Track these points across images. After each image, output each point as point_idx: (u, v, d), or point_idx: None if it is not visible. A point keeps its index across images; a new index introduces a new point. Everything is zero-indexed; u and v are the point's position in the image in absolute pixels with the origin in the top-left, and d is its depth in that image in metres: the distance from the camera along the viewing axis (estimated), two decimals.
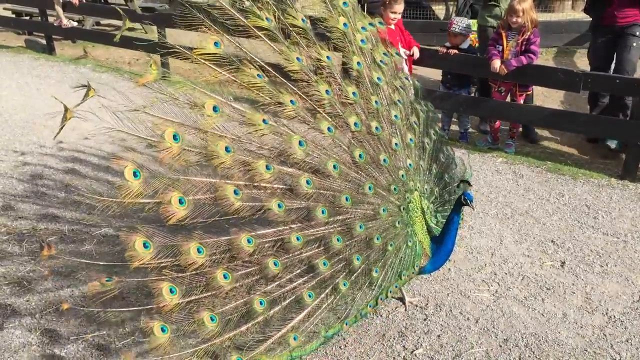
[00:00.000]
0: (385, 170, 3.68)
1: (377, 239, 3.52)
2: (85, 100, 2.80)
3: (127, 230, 2.83)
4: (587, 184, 6.10)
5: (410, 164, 3.85)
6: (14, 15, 13.64)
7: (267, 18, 3.39)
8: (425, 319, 3.97)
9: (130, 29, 12.54)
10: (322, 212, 3.34)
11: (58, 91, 2.52)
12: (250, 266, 3.14)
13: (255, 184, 3.16)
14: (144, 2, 14.14)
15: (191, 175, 2.99)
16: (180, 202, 2.89)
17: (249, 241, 3.10)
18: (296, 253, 3.27)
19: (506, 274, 4.51)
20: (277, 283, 3.22)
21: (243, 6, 3.33)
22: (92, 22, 13.39)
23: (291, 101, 3.38)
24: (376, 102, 3.76)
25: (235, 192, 3.07)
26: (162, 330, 2.83)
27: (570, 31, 11.05)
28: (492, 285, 4.36)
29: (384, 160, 3.66)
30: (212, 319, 2.96)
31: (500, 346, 3.74)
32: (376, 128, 3.69)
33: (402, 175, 3.76)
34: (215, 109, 3.08)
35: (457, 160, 4.46)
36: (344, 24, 3.76)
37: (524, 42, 6.41)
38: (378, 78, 3.84)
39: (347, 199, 3.44)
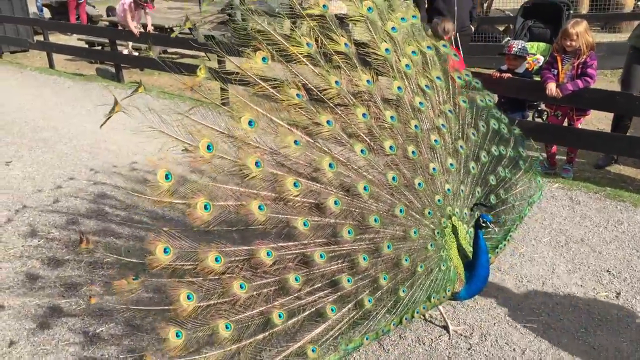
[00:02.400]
0: (420, 194, 3.69)
1: (406, 260, 3.53)
2: (112, 115, 2.95)
3: (153, 233, 2.96)
4: None
5: (448, 189, 3.84)
6: (87, 46, 14.44)
7: (308, 43, 3.50)
8: (469, 349, 3.91)
9: (193, 57, 13.04)
10: (349, 233, 3.38)
11: (122, 117, 2.73)
12: (269, 278, 3.18)
13: (282, 199, 3.23)
14: (207, 30, 14.66)
15: (219, 183, 3.12)
16: (206, 207, 3.00)
17: (268, 254, 3.14)
18: (319, 269, 3.30)
19: (557, 304, 4.38)
20: (297, 296, 3.24)
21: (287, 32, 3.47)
22: (159, 50, 13.98)
23: (328, 122, 3.46)
24: (415, 126, 3.78)
25: (260, 208, 3.14)
26: (177, 335, 2.92)
27: None
28: (541, 316, 4.24)
29: (419, 184, 3.68)
30: (226, 327, 3.02)
31: None
32: (412, 152, 3.71)
33: (439, 200, 3.76)
34: (250, 123, 3.21)
35: (529, 180, 4.43)
36: (386, 50, 3.81)
37: (580, 66, 6.27)
38: (420, 103, 3.87)
39: (376, 219, 3.46)
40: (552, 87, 6.30)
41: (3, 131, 8.80)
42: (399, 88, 3.81)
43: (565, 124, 6.85)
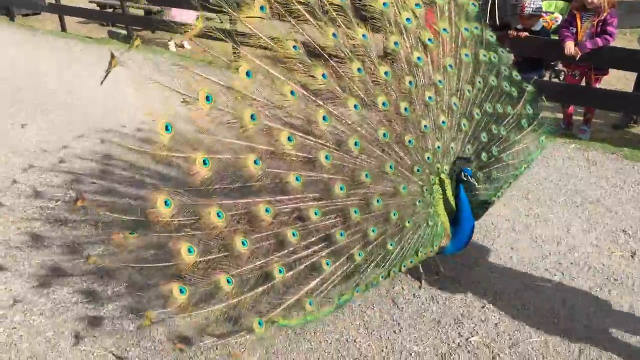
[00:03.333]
0: (410, 151, 3.73)
1: (394, 214, 3.62)
2: (110, 71, 2.95)
3: (153, 189, 3.05)
4: None
5: (438, 147, 3.86)
6: (98, 8, 14.31)
7: None
8: (483, 307, 3.93)
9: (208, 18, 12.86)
10: (341, 189, 3.46)
11: (136, 81, 2.76)
12: (269, 232, 3.29)
13: (277, 153, 3.29)
14: None
15: (217, 137, 3.16)
16: (205, 162, 3.06)
17: (267, 210, 3.25)
18: (314, 224, 3.42)
19: (571, 263, 4.37)
20: (294, 250, 3.37)
21: None
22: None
23: (323, 75, 3.46)
24: (410, 82, 3.75)
25: (256, 162, 3.20)
26: (181, 291, 3.02)
27: None
28: (555, 275, 4.24)
29: (410, 141, 3.71)
30: (228, 281, 3.13)
31: (560, 337, 3.65)
32: (405, 109, 3.71)
33: (428, 158, 3.81)
34: (248, 74, 3.23)
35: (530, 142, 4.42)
36: (384, 4, 3.72)
37: (600, 23, 6.12)
38: (418, 58, 3.81)
39: (367, 175, 3.53)
40: (570, 46, 6.17)
41: (18, 94, 8.83)
42: (395, 43, 3.74)
43: (583, 83, 6.74)
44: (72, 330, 3.80)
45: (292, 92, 3.36)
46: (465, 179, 3.69)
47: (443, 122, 3.89)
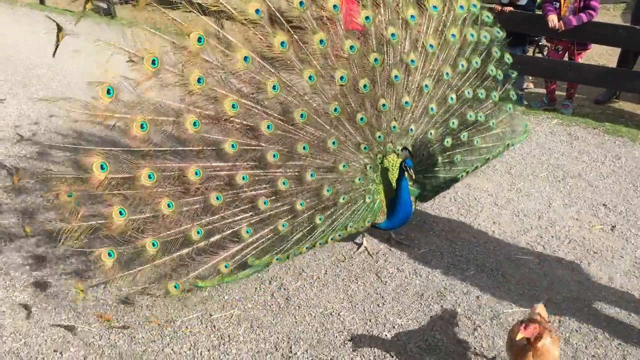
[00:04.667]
0: (361, 128, 3.75)
1: (328, 190, 3.69)
2: (59, 43, 3.14)
3: (87, 153, 3.16)
4: None
5: (394, 127, 3.87)
6: None
7: None
8: (464, 280, 3.98)
9: None
10: (274, 156, 3.51)
11: (118, 58, 2.84)
12: (195, 198, 3.41)
13: (217, 118, 3.37)
14: None
15: (159, 111, 3.24)
16: (142, 126, 3.17)
17: (196, 173, 3.34)
18: (241, 189, 3.51)
19: (552, 237, 4.43)
20: (218, 215, 3.48)
21: None
22: None
23: (282, 43, 3.42)
24: (375, 59, 3.71)
25: (195, 124, 3.28)
26: (109, 254, 3.24)
27: None
28: (536, 248, 4.30)
29: (361, 118, 3.72)
30: (153, 244, 3.31)
31: None
32: (364, 86, 3.69)
33: (379, 137, 3.83)
34: (200, 39, 3.23)
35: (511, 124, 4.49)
36: None
37: None
38: (392, 35, 3.77)
39: (305, 147, 3.58)
40: (554, 19, 6.17)
41: None
42: (366, 18, 3.69)
43: (566, 58, 6.75)
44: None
45: (245, 58, 3.36)
46: (405, 169, 3.69)
47: (406, 102, 3.87)
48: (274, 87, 3.43)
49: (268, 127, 3.46)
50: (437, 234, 4.47)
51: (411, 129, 3.96)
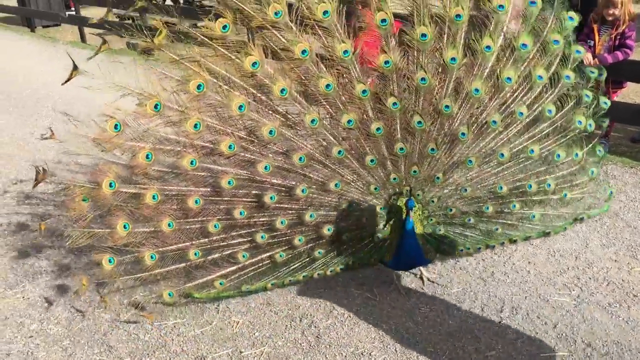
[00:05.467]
0: (371, 169, 3.78)
1: (329, 229, 3.78)
2: (72, 77, 3.54)
3: (100, 168, 3.55)
4: None
5: (414, 171, 3.83)
6: (117, 19, 14.49)
7: (276, 12, 3.43)
8: (500, 322, 3.89)
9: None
10: (271, 198, 3.66)
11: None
12: (195, 221, 3.68)
13: (215, 154, 3.60)
14: None
15: (163, 140, 3.54)
16: (147, 157, 3.49)
17: (196, 202, 3.60)
18: (238, 221, 3.71)
19: (590, 278, 4.32)
20: (215, 238, 3.73)
21: None
22: (188, 24, 13.94)
23: (282, 90, 3.53)
24: (394, 104, 3.67)
25: (192, 162, 3.54)
26: (110, 261, 3.56)
27: None
28: (574, 290, 4.19)
29: (371, 160, 3.75)
30: (152, 257, 3.60)
31: (579, 353, 3.60)
32: (377, 129, 3.70)
33: (394, 179, 3.82)
34: (199, 86, 3.43)
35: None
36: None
37: (618, 37, 6.08)
38: (422, 79, 3.63)
39: (303, 190, 3.68)
40: (588, 57, 6.12)
41: (39, 105, 8.95)
42: (386, 62, 3.62)
43: None
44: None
45: (240, 107, 3.50)
46: (406, 209, 3.58)
47: (432, 149, 3.78)
48: (270, 132, 3.57)
49: (265, 167, 3.62)
50: (470, 273, 4.39)
51: (437, 178, 3.88)
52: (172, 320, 4.00)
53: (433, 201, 3.96)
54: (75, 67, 3.52)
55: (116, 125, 3.42)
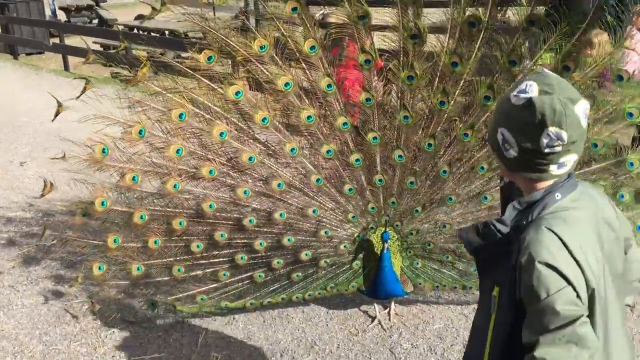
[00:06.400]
0: (349, 198, 3.87)
1: (306, 254, 3.88)
2: (59, 113, 3.83)
3: (96, 189, 3.76)
4: None
5: (393, 202, 3.88)
6: (102, 49, 14.52)
7: (261, 47, 3.54)
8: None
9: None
10: (250, 222, 3.78)
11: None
12: (179, 240, 3.85)
13: (197, 178, 3.75)
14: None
15: (148, 167, 3.72)
16: (134, 179, 3.66)
17: (180, 223, 3.75)
18: (219, 242, 3.85)
19: None
20: (196, 257, 3.88)
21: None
22: (173, 55, 14.02)
23: (263, 119, 3.64)
24: (374, 138, 3.73)
25: (175, 186, 3.70)
26: (99, 268, 3.79)
27: None
28: None
29: (349, 189, 3.83)
30: (138, 269, 3.79)
31: None
32: (356, 160, 3.79)
33: (372, 208, 3.90)
34: (181, 115, 3.58)
35: None
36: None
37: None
38: (405, 117, 3.68)
39: (281, 215, 3.79)
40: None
41: (20, 132, 8.88)
42: (367, 100, 3.69)
43: None
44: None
45: (221, 134, 3.62)
46: (381, 241, 3.70)
47: (411, 182, 3.81)
48: (250, 159, 3.69)
49: (245, 192, 3.73)
50: (452, 309, 4.38)
51: (416, 211, 3.90)
52: (150, 355, 3.92)
53: (412, 234, 3.97)
54: (59, 104, 3.77)
55: (104, 149, 3.60)
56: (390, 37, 3.73)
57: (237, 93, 3.61)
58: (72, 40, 14.70)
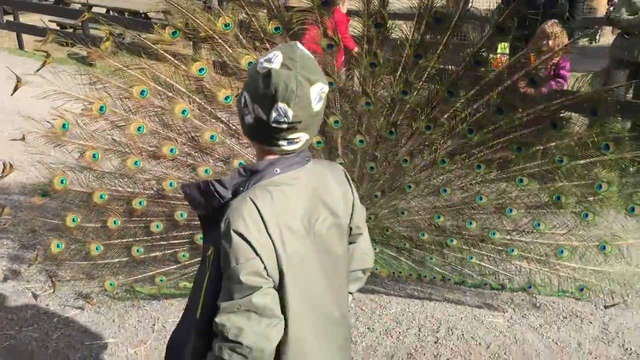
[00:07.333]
0: None
1: None
2: (18, 88, 3.80)
3: (54, 168, 3.75)
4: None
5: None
6: (58, 28, 14.11)
7: (225, 24, 3.54)
8: (436, 342, 3.95)
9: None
10: None
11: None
12: (139, 220, 3.86)
13: (158, 157, 3.76)
14: None
15: (109, 145, 3.71)
16: (94, 156, 3.67)
17: (140, 203, 3.76)
18: (180, 223, 3.88)
19: (523, 300, 4.45)
20: (158, 236, 3.89)
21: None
22: (132, 36, 13.72)
23: (226, 97, 3.64)
24: (336, 122, 3.77)
25: (136, 163, 3.70)
26: (58, 246, 3.77)
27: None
28: (507, 311, 4.31)
29: None
30: (97, 248, 3.80)
31: None
32: (317, 142, 3.80)
33: None
34: (143, 92, 3.58)
35: None
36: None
37: (553, 67, 6.35)
38: (367, 104, 3.70)
39: None
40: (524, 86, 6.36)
41: None
42: (329, 84, 3.70)
43: None
44: None
45: (183, 112, 3.62)
46: None
47: (371, 167, 3.85)
48: (211, 137, 3.69)
49: (206, 171, 3.72)
50: (409, 294, 4.46)
51: (376, 196, 3.94)
52: (105, 340, 3.88)
53: (370, 218, 4.01)
54: (18, 79, 3.72)
55: (64, 124, 3.59)
56: (354, 25, 3.76)
57: (200, 70, 3.60)
58: (27, 18, 14.27)
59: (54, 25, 14.10)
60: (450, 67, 3.67)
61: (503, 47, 7.88)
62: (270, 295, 1.69)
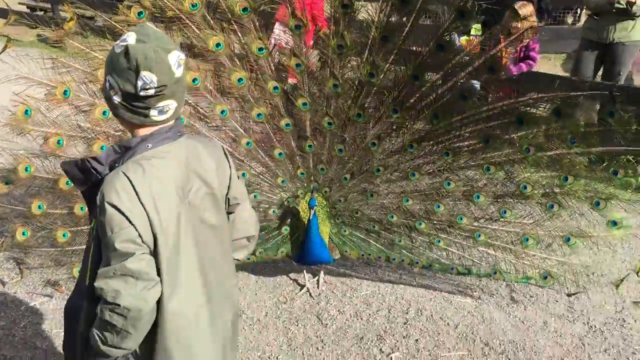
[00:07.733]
0: (280, 162, 3.91)
1: None
2: (4, 50, 3.83)
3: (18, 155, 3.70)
4: None
5: (322, 169, 3.95)
6: (28, 10, 13.80)
7: (192, 4, 3.50)
8: (405, 323, 4.00)
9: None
10: None
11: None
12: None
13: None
14: None
15: (74, 131, 3.63)
16: (59, 143, 3.57)
17: (81, 209, 3.68)
18: None
19: (490, 279, 4.51)
20: None
21: None
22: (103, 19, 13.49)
23: (194, 80, 3.58)
24: (304, 104, 3.78)
25: (102, 148, 3.59)
26: (23, 233, 3.71)
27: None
28: (475, 291, 4.37)
29: (279, 154, 3.87)
30: (64, 235, 3.72)
31: (477, 352, 3.76)
32: (286, 125, 3.84)
33: (302, 173, 3.95)
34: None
35: None
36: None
37: (523, 49, 6.39)
38: (335, 86, 3.73)
39: None
40: None
41: None
42: (297, 65, 3.75)
43: None
44: None
45: None
46: (310, 207, 3.74)
47: (340, 149, 3.88)
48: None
49: None
50: (380, 277, 4.50)
51: (345, 178, 3.97)
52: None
53: (340, 201, 4.04)
54: (9, 39, 3.69)
55: (26, 110, 3.50)
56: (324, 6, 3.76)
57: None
58: None
59: (23, 8, 13.79)
60: (415, 49, 3.67)
61: (477, 29, 7.93)
62: (144, 261, 1.80)
